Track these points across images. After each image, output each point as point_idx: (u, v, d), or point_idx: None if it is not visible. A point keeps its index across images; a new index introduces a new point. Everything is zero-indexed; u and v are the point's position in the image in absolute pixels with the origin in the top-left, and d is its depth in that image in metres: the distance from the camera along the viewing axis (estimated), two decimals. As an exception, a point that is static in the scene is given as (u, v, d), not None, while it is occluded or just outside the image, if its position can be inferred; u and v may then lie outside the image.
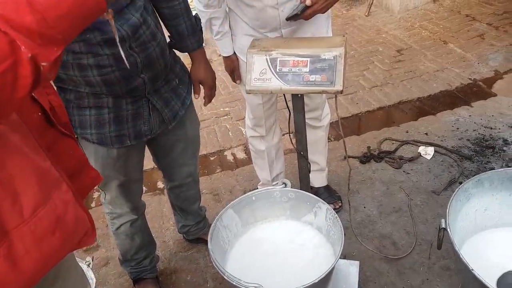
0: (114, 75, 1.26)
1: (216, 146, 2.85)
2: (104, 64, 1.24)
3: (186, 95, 1.55)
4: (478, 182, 1.49)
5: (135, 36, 1.26)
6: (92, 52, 1.21)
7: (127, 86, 1.31)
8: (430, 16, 4.05)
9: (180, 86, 1.51)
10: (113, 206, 1.62)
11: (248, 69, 1.40)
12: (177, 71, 1.51)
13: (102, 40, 1.20)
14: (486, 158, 2.34)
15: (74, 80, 1.28)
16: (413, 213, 2.08)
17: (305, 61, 1.35)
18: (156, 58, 1.34)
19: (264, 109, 1.87)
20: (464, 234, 1.54)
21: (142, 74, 1.32)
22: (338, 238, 1.31)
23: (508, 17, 3.78)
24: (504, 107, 2.74)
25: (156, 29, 1.36)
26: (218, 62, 3.87)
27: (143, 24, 1.29)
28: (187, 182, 1.80)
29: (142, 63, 1.30)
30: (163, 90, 1.44)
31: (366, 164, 2.43)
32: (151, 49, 1.32)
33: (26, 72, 0.59)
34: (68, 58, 1.21)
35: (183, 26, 1.48)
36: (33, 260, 0.76)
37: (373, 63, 3.46)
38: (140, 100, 1.38)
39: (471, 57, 3.33)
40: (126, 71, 1.26)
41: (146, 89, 1.36)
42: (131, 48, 1.26)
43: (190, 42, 1.52)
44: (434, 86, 3.09)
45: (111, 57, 1.24)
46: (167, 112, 1.46)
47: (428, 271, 1.80)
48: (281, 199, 1.48)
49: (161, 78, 1.41)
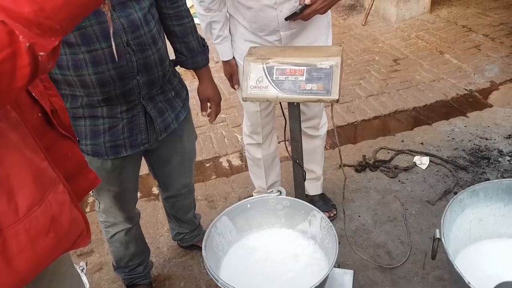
0: (109, 73, 1.25)
1: (212, 152, 2.84)
2: (100, 60, 1.22)
3: (181, 110, 1.53)
4: (473, 192, 1.50)
5: (135, 35, 1.26)
6: (88, 45, 1.19)
7: (122, 88, 1.29)
8: (427, 26, 4.08)
9: (176, 100, 1.50)
10: (107, 215, 1.61)
11: (245, 77, 1.41)
12: (174, 84, 1.51)
13: (99, 30, 1.18)
14: (481, 169, 2.35)
15: (70, 82, 1.26)
16: (407, 223, 2.08)
17: (301, 70, 1.36)
18: (154, 64, 1.34)
19: (262, 116, 1.87)
20: (458, 244, 1.54)
21: (137, 76, 1.31)
22: (332, 247, 1.31)
23: (504, 28, 3.82)
24: (499, 118, 2.76)
25: (158, 36, 1.35)
26: (215, 69, 3.87)
27: (145, 26, 1.28)
28: (183, 192, 1.79)
29: (138, 63, 1.29)
30: (158, 99, 1.43)
31: (361, 173, 2.44)
32: (149, 52, 1.31)
33: (25, 62, 0.60)
34: (64, 51, 1.19)
35: (194, 44, 1.51)
36: (26, 259, 0.75)
37: (369, 72, 3.48)
38: (135, 108, 1.37)
39: (467, 67, 3.36)
40: (121, 70, 1.25)
41: (141, 94, 1.35)
42: (128, 45, 1.25)
43: (201, 58, 1.55)
44: (430, 96, 3.10)
45: (107, 51, 1.21)
46: (160, 123, 1.45)
47: (422, 281, 1.79)
48: (276, 207, 1.48)
49: (157, 86, 1.40)
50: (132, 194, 1.62)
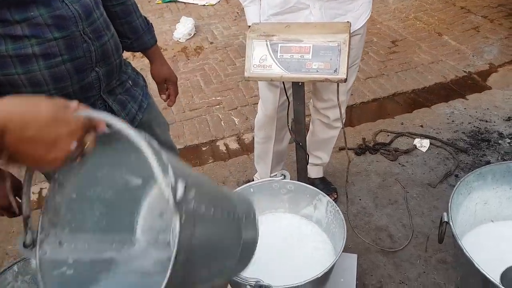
0: (65, 67, 1.09)
1: (208, 136, 2.78)
2: (53, 52, 1.06)
3: (143, 98, 1.41)
4: (479, 175, 1.47)
5: (89, 20, 1.13)
6: (38, 36, 1.02)
7: (80, 82, 1.16)
8: (425, 7, 4.02)
9: (135, 89, 1.38)
10: None
11: (248, 55, 1.34)
12: (129, 72, 1.39)
13: (50, 19, 1.04)
14: (481, 151, 2.33)
15: (14, 82, 1.06)
16: (409, 206, 2.06)
17: (307, 48, 1.30)
18: (111, 52, 1.22)
19: (278, 109, 1.79)
20: (464, 227, 1.51)
21: (96, 67, 1.17)
22: (339, 231, 1.27)
23: (503, 10, 3.77)
24: (498, 101, 2.73)
25: (108, 20, 1.24)
26: (209, 50, 3.79)
27: (96, 9, 1.16)
28: None
29: (96, 52, 1.16)
30: (117, 91, 1.30)
31: (361, 156, 2.40)
32: (105, 38, 1.19)
33: None
34: (7, 48, 1.01)
35: (138, 23, 1.40)
36: None
37: (368, 54, 3.41)
38: (95, 104, 1.23)
39: (466, 49, 3.32)
40: (79, 61, 1.11)
41: (101, 87, 1.22)
42: (85, 33, 1.11)
43: (147, 38, 1.44)
44: (429, 78, 3.06)
45: (62, 42, 1.06)
46: (124, 116, 1.32)
47: (425, 264, 1.78)
48: (280, 191, 1.43)
49: (115, 76, 1.28)
50: None
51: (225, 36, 4.01)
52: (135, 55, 3.63)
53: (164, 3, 4.91)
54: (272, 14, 1.57)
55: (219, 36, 4.01)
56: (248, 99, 3.06)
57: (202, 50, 3.82)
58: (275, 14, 1.57)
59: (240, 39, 3.91)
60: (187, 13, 4.52)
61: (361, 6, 1.59)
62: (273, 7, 1.56)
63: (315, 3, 1.50)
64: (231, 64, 3.55)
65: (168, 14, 4.62)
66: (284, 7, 1.53)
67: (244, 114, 2.92)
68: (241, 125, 2.83)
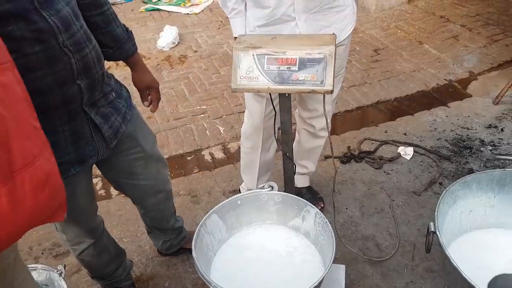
0: (46, 81, 1.08)
1: (193, 145, 2.75)
2: (33, 66, 1.04)
3: (127, 110, 1.39)
4: (464, 184, 1.49)
5: (69, 32, 1.11)
6: (18, 51, 1.00)
7: (62, 95, 1.13)
8: (405, 16, 4.09)
9: (118, 101, 1.36)
10: (67, 234, 1.48)
11: (234, 66, 1.33)
12: (112, 84, 1.37)
13: (29, 33, 1.01)
14: (464, 159, 2.36)
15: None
16: (395, 214, 2.07)
17: (294, 59, 1.29)
18: (93, 63, 1.20)
19: (265, 119, 1.78)
20: (449, 236, 1.53)
21: (78, 80, 1.15)
22: (327, 243, 1.26)
23: (480, 19, 3.87)
24: (479, 108, 2.79)
25: (89, 32, 1.22)
26: (193, 59, 3.77)
27: (76, 21, 1.15)
28: (160, 200, 1.65)
29: (77, 65, 1.14)
30: (100, 103, 1.28)
31: (346, 164, 2.41)
32: (87, 50, 1.17)
33: None
34: None
35: (118, 31, 1.39)
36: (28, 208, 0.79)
37: (351, 63, 3.45)
38: (78, 117, 1.21)
39: (446, 58, 3.38)
40: (60, 74, 1.09)
41: (83, 100, 1.20)
42: (65, 46, 1.09)
43: (128, 46, 1.43)
44: (411, 86, 3.11)
45: (42, 56, 1.04)
46: (107, 129, 1.30)
47: (412, 273, 1.79)
48: (268, 203, 1.42)
49: (98, 88, 1.26)
50: (89, 207, 1.47)
51: (209, 44, 4.00)
52: (118, 64, 3.59)
53: (147, 12, 4.88)
54: (258, 26, 1.57)
55: (203, 45, 4.00)
56: (233, 108, 3.05)
57: (186, 59, 3.79)
58: (260, 25, 1.56)
59: (225, 47, 3.90)
60: (171, 21, 4.50)
61: (345, 17, 1.61)
62: (259, 19, 1.55)
63: (300, 15, 1.51)
64: (215, 72, 3.53)
65: (151, 23, 4.59)
66: (270, 19, 1.53)
67: (230, 123, 2.91)
68: (227, 134, 2.82)
